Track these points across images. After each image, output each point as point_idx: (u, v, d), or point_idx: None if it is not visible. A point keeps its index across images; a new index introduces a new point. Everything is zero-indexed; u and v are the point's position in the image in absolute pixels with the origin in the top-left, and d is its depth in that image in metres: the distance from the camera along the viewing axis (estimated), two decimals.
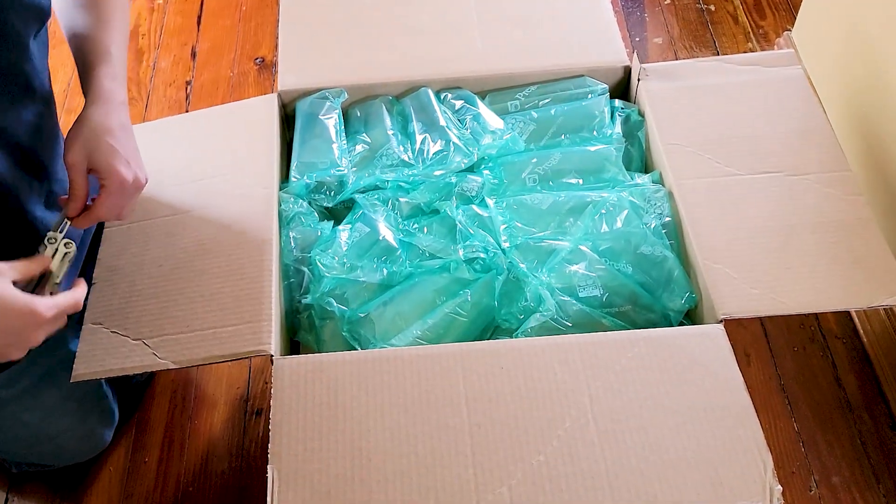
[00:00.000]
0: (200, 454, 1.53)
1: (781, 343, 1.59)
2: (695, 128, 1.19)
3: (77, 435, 1.37)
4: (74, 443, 1.39)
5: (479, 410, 0.93)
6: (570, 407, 0.93)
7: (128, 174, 0.97)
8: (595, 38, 1.34)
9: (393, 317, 1.09)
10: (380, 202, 1.19)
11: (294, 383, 0.96)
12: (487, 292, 1.10)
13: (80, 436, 1.38)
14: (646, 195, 1.16)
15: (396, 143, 1.23)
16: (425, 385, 0.95)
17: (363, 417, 0.93)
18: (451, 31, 1.36)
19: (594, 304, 1.09)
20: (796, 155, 1.15)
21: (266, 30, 2.30)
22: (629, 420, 0.92)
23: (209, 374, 1.64)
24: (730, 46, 2.13)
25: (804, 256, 1.05)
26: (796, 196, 1.11)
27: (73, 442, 1.39)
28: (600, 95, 1.29)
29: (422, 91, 1.30)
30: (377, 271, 1.11)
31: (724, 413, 0.92)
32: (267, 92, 2.12)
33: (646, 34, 2.20)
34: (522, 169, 1.22)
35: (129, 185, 0.97)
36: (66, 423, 1.32)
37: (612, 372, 0.96)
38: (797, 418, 1.50)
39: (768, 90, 1.23)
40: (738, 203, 1.10)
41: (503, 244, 1.12)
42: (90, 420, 1.39)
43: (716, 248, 1.06)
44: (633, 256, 1.12)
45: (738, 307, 1.01)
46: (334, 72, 1.31)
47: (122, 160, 0.96)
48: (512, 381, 0.95)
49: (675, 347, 0.97)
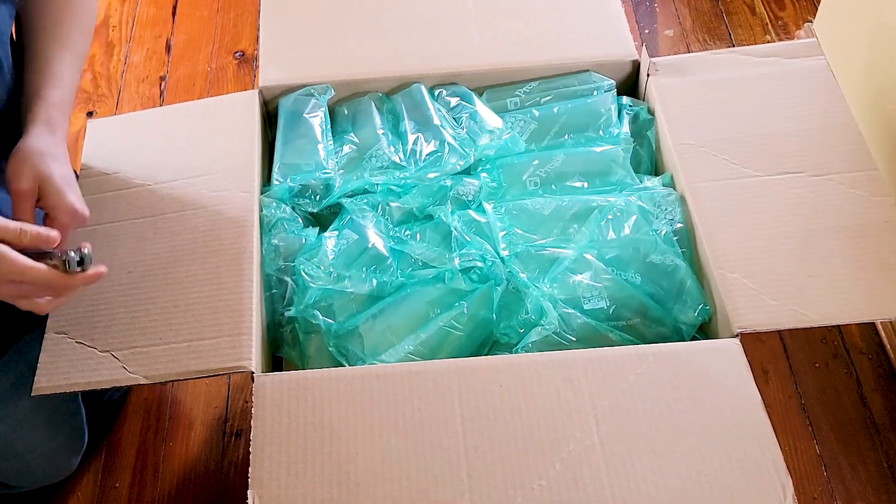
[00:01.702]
0: (176, 479, 1.53)
1: (802, 359, 1.59)
2: (709, 126, 1.19)
3: (44, 452, 1.37)
4: (41, 462, 1.39)
5: (476, 431, 0.93)
6: (574, 428, 0.93)
7: (80, 207, 0.97)
8: (601, 30, 1.34)
9: (383, 331, 1.09)
10: (369, 207, 1.19)
11: (277, 402, 0.96)
12: (485, 304, 1.10)
13: (47, 454, 1.38)
14: (656, 199, 1.16)
15: (387, 144, 1.23)
16: (418, 404, 0.95)
17: (351, 439, 0.93)
18: (447, 23, 1.36)
19: (600, 317, 1.09)
20: (819, 154, 1.15)
21: (246, 21, 2.30)
22: (638, 442, 0.92)
23: (185, 392, 1.64)
24: (746, 39, 2.13)
25: (827, 264, 1.05)
26: (819, 198, 1.11)
27: (40, 461, 1.38)
28: (607, 92, 1.29)
29: (414, 87, 1.30)
30: (366, 281, 1.11)
31: (740, 434, 0.92)
32: (247, 88, 2.11)
33: (656, 26, 2.20)
34: (523, 171, 1.22)
35: (79, 218, 0.98)
36: (35, 438, 1.32)
37: (619, 390, 0.95)
38: (819, 440, 1.50)
39: (788, 83, 1.23)
40: (755, 207, 1.10)
41: (502, 252, 1.12)
42: (59, 437, 1.38)
43: (731, 257, 1.06)
44: (642, 265, 1.12)
45: (756, 320, 1.00)
46: (320, 66, 1.31)
47: (75, 191, 0.97)
48: (511, 399, 0.95)
49: (687, 364, 0.97)
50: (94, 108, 2.13)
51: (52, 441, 1.37)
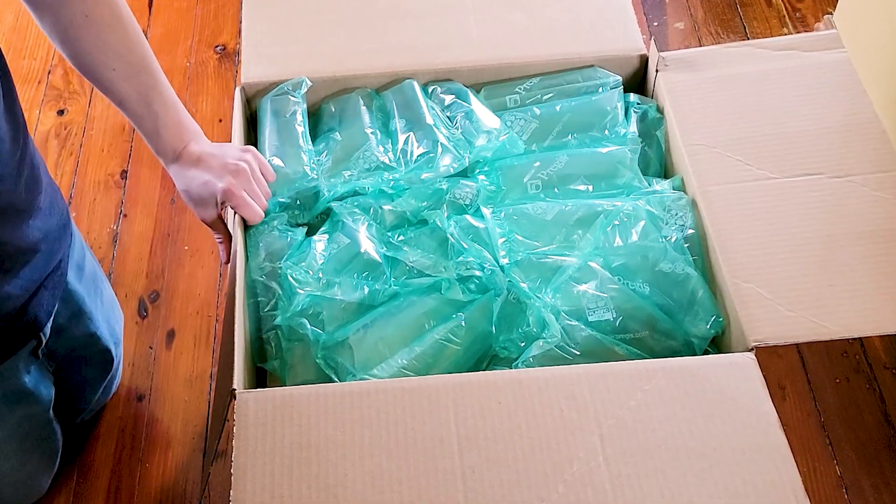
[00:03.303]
0: (152, 502, 1.53)
1: (822, 374, 1.60)
2: (722, 125, 1.19)
3: (14, 480, 1.37)
4: (11, 490, 1.39)
5: (474, 452, 0.93)
6: (577, 448, 0.93)
7: (249, 211, 1.14)
8: (607, 22, 1.34)
9: (375, 343, 1.08)
10: (360, 210, 1.18)
11: (260, 420, 0.96)
12: (483, 316, 1.10)
13: (16, 481, 1.38)
14: (665, 204, 1.16)
15: (375, 143, 1.23)
16: (411, 423, 0.95)
17: (339, 460, 0.93)
18: (441, 14, 1.36)
19: (606, 330, 1.09)
20: (840, 153, 1.15)
21: (228, 13, 2.31)
22: (646, 463, 0.92)
23: (162, 410, 1.64)
24: (762, 32, 2.14)
25: (849, 272, 1.05)
26: (840, 201, 1.11)
27: (10, 488, 1.38)
28: (613, 89, 1.29)
29: (406, 84, 1.30)
30: (357, 289, 1.11)
31: (755, 455, 0.92)
32: (228, 84, 2.12)
33: (665, 18, 2.21)
34: (523, 174, 1.23)
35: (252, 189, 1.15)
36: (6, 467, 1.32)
37: (626, 408, 0.95)
38: (840, 461, 1.50)
39: (807, 78, 1.23)
40: (772, 211, 1.11)
41: (501, 260, 1.12)
42: (31, 463, 1.38)
43: (746, 265, 1.06)
44: (650, 274, 1.12)
45: (772, 332, 1.01)
46: (306, 61, 1.31)
47: (232, 183, 1.12)
48: (511, 418, 0.95)
49: (699, 379, 0.97)
50: (66, 107, 2.13)
51: (23, 468, 1.37)
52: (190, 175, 1.14)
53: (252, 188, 1.13)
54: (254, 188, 1.13)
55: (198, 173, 1.13)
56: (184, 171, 1.14)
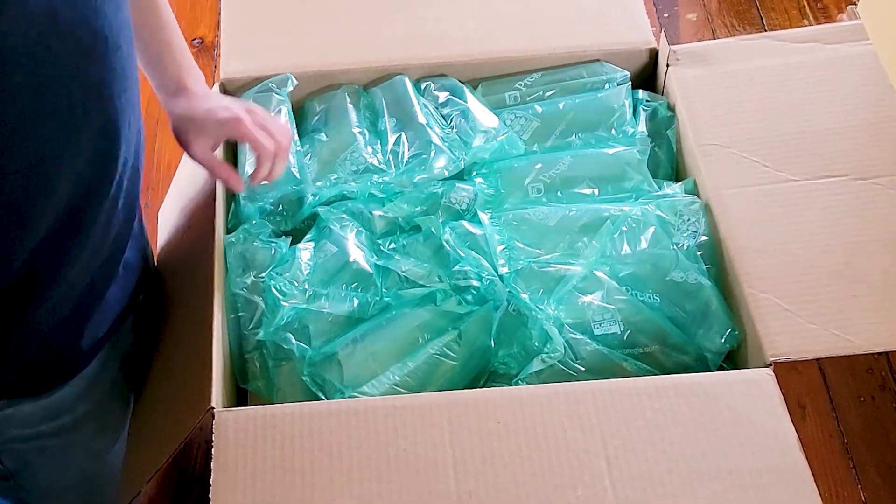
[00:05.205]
0: None
1: (844, 392, 1.60)
2: (737, 124, 1.20)
3: None
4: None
5: (471, 475, 0.93)
6: (582, 471, 0.93)
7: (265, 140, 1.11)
8: (614, 13, 1.35)
9: (365, 358, 1.09)
10: (348, 216, 1.18)
11: (240, 442, 0.96)
12: (481, 329, 1.11)
13: None
14: (677, 209, 1.17)
15: (363, 144, 1.23)
16: (403, 444, 0.95)
17: (326, 485, 0.93)
18: (435, 4, 1.36)
19: (613, 344, 1.09)
20: (865, 154, 1.15)
21: (206, 3, 2.31)
22: (656, 488, 0.92)
23: None
24: (780, 23, 2.14)
25: (874, 282, 1.05)
26: (865, 206, 1.11)
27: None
28: (620, 85, 1.29)
29: (397, 80, 1.30)
30: (346, 301, 1.11)
31: (773, 479, 0.93)
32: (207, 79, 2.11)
33: (676, 9, 2.21)
34: (524, 176, 1.23)
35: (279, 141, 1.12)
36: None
37: (634, 428, 0.96)
38: (864, 484, 1.50)
39: (829, 73, 1.24)
40: (791, 217, 1.11)
41: (501, 269, 1.12)
42: None
43: (763, 274, 1.07)
44: (660, 284, 1.12)
45: (792, 346, 1.01)
46: (289, 56, 1.31)
47: (245, 116, 1.10)
48: (511, 438, 0.95)
49: (712, 397, 0.98)
50: None
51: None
52: (193, 103, 1.12)
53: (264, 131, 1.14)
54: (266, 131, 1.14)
55: (203, 101, 1.13)
56: (186, 100, 1.13)
